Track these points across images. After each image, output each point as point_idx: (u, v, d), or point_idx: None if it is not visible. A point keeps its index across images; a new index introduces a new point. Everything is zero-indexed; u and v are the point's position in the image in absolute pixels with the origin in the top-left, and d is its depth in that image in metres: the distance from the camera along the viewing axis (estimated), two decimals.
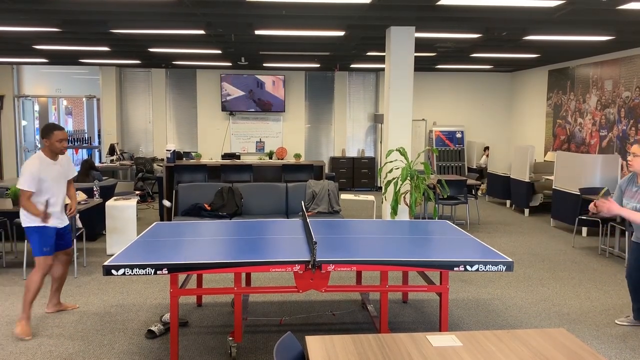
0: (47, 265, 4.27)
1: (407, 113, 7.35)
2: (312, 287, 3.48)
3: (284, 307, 4.80)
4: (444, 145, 12.62)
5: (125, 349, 3.91)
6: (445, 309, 3.65)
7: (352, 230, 4.44)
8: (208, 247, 3.80)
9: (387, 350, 2.27)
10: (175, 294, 3.53)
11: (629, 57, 8.92)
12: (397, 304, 4.92)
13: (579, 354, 2.27)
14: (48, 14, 6.40)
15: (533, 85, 12.23)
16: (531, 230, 8.27)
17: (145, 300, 4.99)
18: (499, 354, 2.25)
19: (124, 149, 12.53)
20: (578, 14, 6.14)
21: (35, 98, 13.10)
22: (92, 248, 6.88)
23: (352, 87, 13.08)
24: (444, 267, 3.47)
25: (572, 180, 7.88)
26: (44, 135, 4.23)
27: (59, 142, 4.24)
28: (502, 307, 4.88)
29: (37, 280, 4.20)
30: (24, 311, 4.20)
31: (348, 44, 8.58)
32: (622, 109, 9.13)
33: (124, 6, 5.90)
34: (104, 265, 3.28)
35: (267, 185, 7.22)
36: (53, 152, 4.27)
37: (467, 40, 8.11)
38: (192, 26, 7.15)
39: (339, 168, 12.75)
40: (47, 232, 4.27)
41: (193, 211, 6.71)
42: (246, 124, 12.86)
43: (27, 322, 4.19)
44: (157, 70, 12.59)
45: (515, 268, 6.16)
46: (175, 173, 8.35)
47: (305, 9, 6.03)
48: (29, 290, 4.19)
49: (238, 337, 3.65)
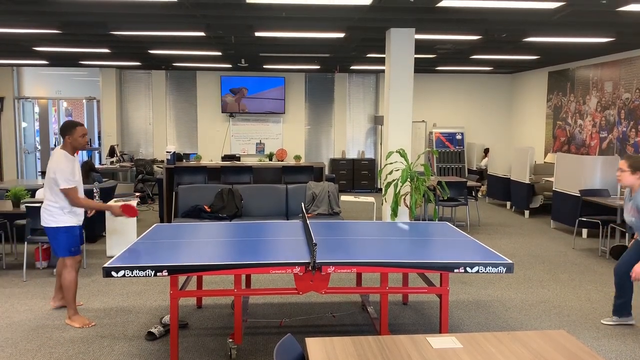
0: (77, 262, 4.44)
1: (407, 114, 7.35)
2: (312, 288, 3.48)
3: (284, 309, 4.80)
4: (444, 146, 12.62)
5: (125, 350, 3.91)
6: (445, 310, 3.65)
7: (352, 232, 4.44)
8: (208, 249, 3.80)
9: (387, 352, 2.27)
10: (175, 296, 3.53)
11: (629, 58, 8.92)
12: (397, 306, 4.91)
13: (579, 355, 2.27)
14: (48, 15, 6.40)
15: (533, 86, 12.23)
16: (531, 232, 8.26)
17: (145, 302, 4.99)
18: (499, 355, 2.25)
19: (124, 150, 12.53)
20: (578, 15, 6.14)
21: (35, 100, 13.10)
22: (92, 250, 6.88)
23: (352, 89, 13.09)
24: (444, 269, 3.47)
25: (572, 182, 7.88)
26: (66, 132, 4.29)
27: (81, 137, 4.34)
28: (502, 308, 4.88)
29: (72, 278, 4.36)
30: (70, 308, 4.39)
31: (348, 45, 8.59)
32: (622, 111, 9.13)
33: (124, 8, 5.91)
34: (104, 267, 3.28)
35: (267, 187, 7.22)
36: (75, 147, 4.36)
37: (467, 41, 8.12)
38: (192, 28, 7.16)
39: (339, 170, 12.75)
40: (75, 231, 4.41)
41: (193, 213, 6.71)
42: (246, 126, 12.87)
43: (77, 315, 4.39)
44: (157, 72, 12.60)
45: (516, 270, 6.16)
46: (175, 175, 8.35)
47: (306, 10, 6.04)
48: (69, 290, 4.36)
49: (238, 339, 3.64)
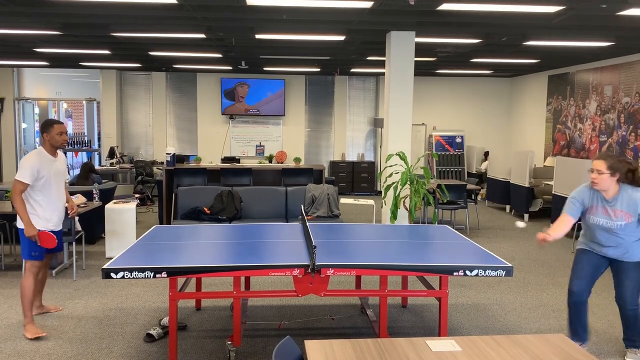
0: (37, 268, 4.29)
1: (407, 117, 7.36)
2: (311, 291, 3.48)
3: (283, 311, 4.79)
4: (444, 149, 12.62)
5: (123, 352, 3.90)
6: (444, 313, 3.65)
7: (351, 234, 4.44)
8: (207, 251, 3.80)
9: (386, 355, 2.27)
10: (174, 298, 3.52)
11: (629, 62, 8.94)
12: (397, 309, 4.91)
13: (578, 359, 2.27)
14: (49, 17, 6.41)
15: (533, 90, 12.25)
16: (531, 236, 8.26)
17: (144, 303, 4.99)
18: (498, 359, 2.25)
19: (123, 152, 12.53)
20: (578, 19, 6.15)
21: (35, 101, 13.11)
22: (91, 251, 6.88)
23: (352, 92, 13.10)
24: (443, 272, 3.47)
25: (572, 186, 7.88)
26: (43, 129, 4.24)
27: (59, 134, 4.25)
28: (501, 312, 4.88)
29: (28, 284, 4.23)
30: (25, 316, 4.24)
31: (348, 48, 8.60)
32: (621, 115, 9.14)
33: (125, 9, 5.92)
34: (103, 269, 3.27)
35: (267, 189, 7.22)
36: (53, 146, 4.27)
37: (467, 45, 8.13)
38: (193, 30, 7.17)
39: (339, 172, 12.75)
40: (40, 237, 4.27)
41: (192, 215, 6.71)
42: (246, 128, 12.87)
43: (32, 324, 4.23)
44: (158, 73, 12.61)
45: (515, 273, 6.16)
46: (175, 176, 8.35)
47: (306, 13, 6.05)
48: (24, 295, 4.22)
49: (237, 341, 3.64)
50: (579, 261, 3.83)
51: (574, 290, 3.79)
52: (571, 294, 3.80)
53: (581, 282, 3.77)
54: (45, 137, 4.24)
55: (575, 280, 3.80)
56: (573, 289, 3.79)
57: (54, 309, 4.76)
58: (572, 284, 3.81)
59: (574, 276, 3.82)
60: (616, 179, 3.56)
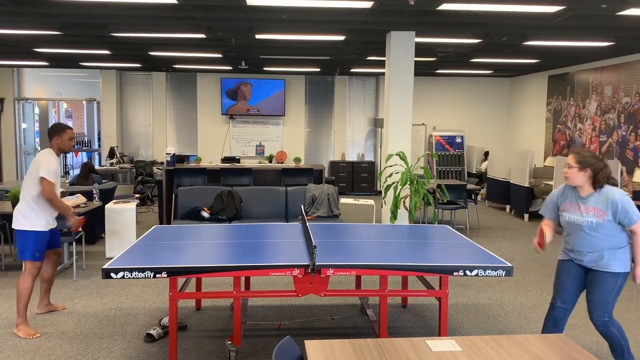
0: (37, 269, 4.30)
1: (407, 117, 7.36)
2: (312, 291, 3.48)
3: (283, 311, 4.79)
4: (444, 149, 12.62)
5: (124, 352, 3.90)
6: (444, 313, 3.65)
7: (351, 234, 4.44)
8: (207, 251, 3.80)
9: (386, 355, 2.27)
10: (174, 298, 3.52)
11: (629, 62, 8.94)
12: (397, 309, 4.91)
13: (577, 359, 2.27)
14: (49, 16, 6.41)
15: (533, 90, 12.25)
16: (531, 236, 8.26)
17: (144, 303, 4.99)
18: (498, 359, 2.25)
19: (123, 152, 12.53)
20: (578, 19, 6.15)
21: (35, 101, 13.10)
22: (91, 251, 6.88)
23: (352, 92, 13.10)
24: (443, 272, 3.47)
25: None
26: (55, 133, 4.31)
27: (69, 140, 4.36)
28: (501, 312, 4.88)
29: (28, 285, 4.23)
30: (19, 316, 4.23)
31: (348, 48, 8.60)
32: (621, 115, 9.14)
33: (125, 10, 5.92)
34: (103, 269, 3.27)
35: (267, 189, 7.22)
36: (61, 150, 4.36)
37: (467, 45, 8.13)
38: (193, 30, 7.17)
39: (339, 172, 12.76)
40: (43, 237, 4.29)
41: (192, 215, 6.71)
42: (246, 128, 12.87)
43: (25, 324, 4.23)
44: (158, 73, 12.61)
45: (515, 273, 6.16)
46: (175, 176, 8.35)
47: (306, 13, 6.05)
48: (21, 295, 4.22)
49: (237, 341, 3.64)
50: (559, 275, 3.68)
51: (556, 305, 3.65)
52: (553, 307, 3.66)
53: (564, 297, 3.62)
54: (56, 140, 4.32)
55: (557, 295, 3.65)
56: (555, 304, 3.66)
57: (61, 307, 4.80)
58: (554, 299, 3.67)
59: (556, 291, 3.68)
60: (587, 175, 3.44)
